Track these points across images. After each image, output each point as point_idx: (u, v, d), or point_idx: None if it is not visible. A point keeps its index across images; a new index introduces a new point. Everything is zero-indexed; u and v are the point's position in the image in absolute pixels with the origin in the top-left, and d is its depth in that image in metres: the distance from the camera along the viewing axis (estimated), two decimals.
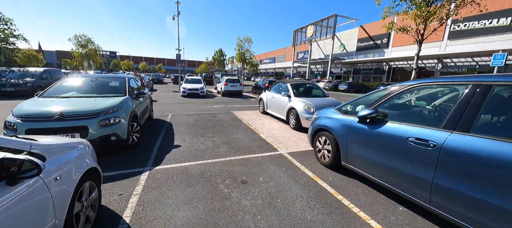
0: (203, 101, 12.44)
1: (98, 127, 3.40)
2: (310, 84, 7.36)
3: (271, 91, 7.86)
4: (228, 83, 15.75)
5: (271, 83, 17.05)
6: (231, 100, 13.40)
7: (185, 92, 14.36)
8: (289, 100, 6.38)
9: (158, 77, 31.37)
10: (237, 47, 19.93)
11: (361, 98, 3.27)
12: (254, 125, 6.56)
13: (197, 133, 5.49)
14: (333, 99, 6.48)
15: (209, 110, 9.21)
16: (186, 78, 16.53)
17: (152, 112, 6.90)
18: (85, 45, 30.83)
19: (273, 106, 7.49)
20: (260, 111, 8.75)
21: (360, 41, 35.27)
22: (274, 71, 64.75)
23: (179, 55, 18.41)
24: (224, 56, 38.81)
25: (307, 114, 5.56)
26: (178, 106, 9.95)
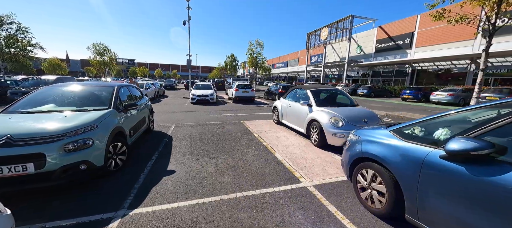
0: (212, 108, 11.63)
1: (61, 153, 2.55)
2: (334, 90, 6.19)
3: (287, 99, 6.79)
4: (239, 89, 14.89)
5: (285, 89, 15.96)
6: (242, 107, 12.49)
7: (194, 99, 13.70)
8: (310, 111, 5.27)
9: (171, 83, 31.48)
10: (248, 51, 19.16)
11: (437, 117, 2.14)
12: (268, 139, 5.51)
13: (199, 151, 4.55)
14: (365, 109, 5.26)
15: (217, 120, 8.32)
16: (196, 84, 15.93)
17: (152, 124, 6.11)
18: (102, 53, 31.81)
19: (289, 117, 6.41)
20: (274, 121, 7.70)
21: (379, 42, 33.22)
22: (286, 76, 63.48)
23: (189, 61, 17.96)
24: (236, 61, 38.39)
25: (334, 128, 4.42)
26: (184, 115, 9.18)
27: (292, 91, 6.80)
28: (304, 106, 5.45)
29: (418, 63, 28.04)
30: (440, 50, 24.91)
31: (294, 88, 6.81)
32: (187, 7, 17.53)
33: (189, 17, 17.49)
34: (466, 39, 22.50)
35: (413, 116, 9.29)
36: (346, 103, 5.83)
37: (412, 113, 10.55)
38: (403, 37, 29.36)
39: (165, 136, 5.74)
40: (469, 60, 22.79)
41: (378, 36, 33.20)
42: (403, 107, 13.69)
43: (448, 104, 14.95)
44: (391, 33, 31.21)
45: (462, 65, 23.54)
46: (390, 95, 24.43)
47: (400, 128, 2.28)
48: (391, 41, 31.19)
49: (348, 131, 4.33)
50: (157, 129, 6.52)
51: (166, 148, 4.70)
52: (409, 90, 18.03)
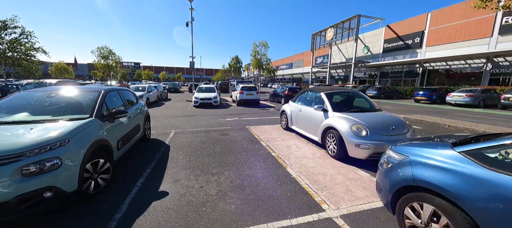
0: (216, 112, 11.05)
1: (17, 178, 1.96)
2: (352, 92, 5.49)
3: (297, 103, 6.13)
4: (244, 92, 14.30)
5: (292, 91, 15.29)
6: (247, 110, 11.88)
7: (197, 102, 13.16)
8: (326, 116, 4.60)
9: (175, 86, 31.20)
10: (252, 52, 18.59)
11: None
12: (277, 149, 4.86)
13: (198, 164, 3.94)
14: (390, 115, 4.54)
15: (221, 125, 7.71)
16: (199, 87, 15.43)
17: (148, 132, 5.54)
18: (107, 57, 31.81)
19: (300, 122, 5.74)
20: (282, 127, 7.04)
21: (386, 42, 32.24)
22: (291, 77, 62.76)
23: (192, 63, 17.51)
24: (240, 63, 37.94)
25: (356, 138, 3.74)
26: (185, 120, 8.62)
27: (302, 94, 6.14)
28: (318, 111, 4.77)
29: (429, 63, 26.94)
30: (453, 49, 23.82)
31: (304, 91, 6.15)
32: (190, 8, 17.12)
33: (192, 19, 17.07)
34: (481, 37, 21.40)
35: (434, 119, 8.47)
36: (365, 107, 5.13)
37: (433, 116, 9.71)
38: (413, 36, 28.34)
39: (162, 145, 5.16)
40: (485, 59, 21.63)
41: (386, 35, 32.22)
42: (419, 110, 12.81)
43: (467, 106, 13.97)
44: (399, 33, 30.22)
45: (477, 64, 22.38)
46: (401, 97, 23.43)
47: (479, 150, 1.59)
48: (399, 40, 30.18)
49: (373, 141, 3.64)
50: (155, 136, 5.95)
51: (162, 161, 4.10)
52: (423, 92, 17.08)
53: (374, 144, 3.60)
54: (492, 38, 20.78)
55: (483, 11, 21.61)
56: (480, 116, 10.66)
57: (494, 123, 8.45)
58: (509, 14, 19.54)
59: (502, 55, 20.35)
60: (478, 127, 6.99)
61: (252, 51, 18.75)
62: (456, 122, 7.95)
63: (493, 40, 20.76)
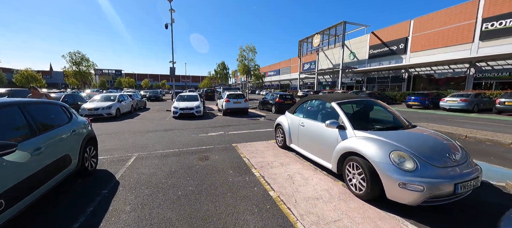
0: (198, 125, 9.46)
1: None
2: (369, 101, 4.25)
3: (298, 114, 4.80)
4: (230, 100, 12.84)
5: (283, 99, 14.05)
6: (235, 121, 10.41)
7: (176, 113, 11.46)
8: (343, 136, 3.29)
9: (156, 94, 28.95)
10: (239, 57, 17.30)
11: None
12: (276, 182, 3.45)
13: (155, 225, 2.42)
14: (433, 134, 3.29)
15: (201, 142, 6.17)
16: (179, 95, 13.73)
17: (92, 161, 3.89)
18: (79, 63, 28.99)
19: (303, 141, 4.40)
20: (278, 144, 5.65)
21: (372, 48, 32.63)
22: (279, 84, 62.37)
23: (173, 68, 15.81)
24: (226, 69, 36.51)
25: (401, 174, 2.42)
26: (157, 137, 6.96)
27: (304, 103, 4.82)
28: (331, 128, 3.45)
29: (414, 69, 27.33)
30: (436, 54, 24.26)
31: (307, 99, 4.83)
32: (170, 9, 15.59)
33: (171, 20, 15.51)
34: (463, 43, 21.92)
35: (445, 128, 7.54)
36: (388, 120, 3.90)
37: (440, 124, 8.87)
38: (397, 42, 28.80)
39: (109, 181, 3.54)
40: (468, 64, 22.11)
41: (371, 42, 32.65)
42: (418, 116, 12.12)
43: (462, 111, 13.59)
44: (384, 39, 30.68)
45: (461, 69, 22.84)
46: (391, 102, 23.19)
47: None
48: (384, 46, 30.60)
49: (428, 178, 2.36)
50: (105, 164, 4.29)
51: (92, 220, 2.51)
52: (415, 97, 16.69)
53: (430, 184, 2.31)
54: (474, 43, 21.30)
55: (463, 18, 22.32)
56: (483, 122, 10.07)
57: (502, 129, 7.74)
58: (488, 21, 20.17)
59: (484, 60, 20.85)
60: (499, 137, 6.09)
61: (238, 56, 17.46)
62: (471, 131, 7.07)
63: (474, 45, 21.29)
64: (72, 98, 12.45)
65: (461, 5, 22.34)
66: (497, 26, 19.72)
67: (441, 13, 23.96)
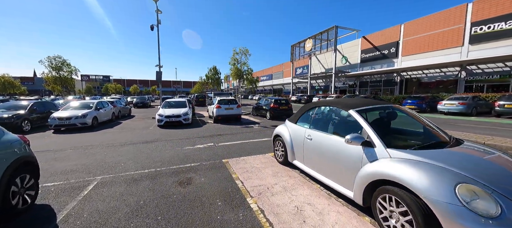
0: (185, 134, 8.41)
1: None
2: (388, 106, 3.42)
3: (302, 124, 3.93)
4: (222, 106, 11.86)
5: (278, 104, 13.22)
6: (226, 129, 9.43)
7: (161, 121, 10.34)
8: (371, 155, 2.43)
9: (143, 100, 27.46)
10: (231, 60, 16.42)
11: None
12: (281, 221, 2.53)
13: None
14: (496, 154, 2.48)
15: (185, 158, 5.17)
16: (165, 101, 12.61)
17: (29, 194, 2.82)
18: (60, 68, 27.11)
19: (311, 158, 3.51)
20: (277, 159, 4.74)
21: (363, 52, 32.77)
22: (271, 88, 61.96)
23: (159, 72, 14.69)
24: (218, 74, 35.48)
25: (477, 223, 1.59)
26: (134, 151, 5.89)
27: (309, 110, 3.95)
28: (353, 145, 2.59)
29: (406, 72, 27.46)
30: (428, 58, 24.43)
31: (312, 105, 3.96)
32: (156, 10, 14.58)
33: (158, 21, 14.49)
34: (454, 46, 22.14)
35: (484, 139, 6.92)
36: (421, 133, 3.09)
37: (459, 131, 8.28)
38: (388, 46, 28.98)
39: (45, 226, 2.50)
40: (458, 67, 22.30)
41: (363, 46, 32.82)
42: None
43: (460, 114, 13.28)
44: (375, 43, 30.86)
45: (452, 72, 23.02)
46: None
47: None
48: (376, 51, 30.76)
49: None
50: (51, 195, 3.22)
51: None
52: (411, 100, 16.36)
53: None
54: (464, 47, 21.54)
55: (452, 22, 22.62)
56: (486, 126, 9.63)
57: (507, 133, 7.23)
58: (477, 25, 20.47)
59: (474, 63, 21.06)
60: None
61: (231, 59, 16.57)
62: (486, 137, 6.46)
63: (464, 49, 21.52)
64: (42, 106, 11.06)
65: (449, 9, 22.68)
66: (485, 30, 19.99)
67: (431, 18, 24.26)
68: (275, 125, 10.78)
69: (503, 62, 19.27)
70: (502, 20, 18.84)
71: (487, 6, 19.83)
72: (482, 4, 20.18)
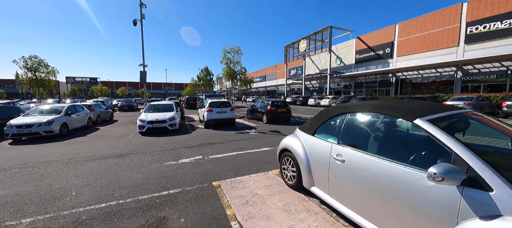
0: (169, 144, 7.11)
1: None
2: (460, 113, 2.35)
3: (325, 138, 2.78)
4: (213, 109, 10.61)
5: (276, 106, 12.04)
6: (218, 136, 8.20)
7: (143, 127, 8.97)
8: (480, 205, 1.33)
9: (129, 103, 25.69)
10: (224, 60, 15.21)
11: None
12: None
13: None
14: None
15: (163, 182, 3.92)
16: (149, 104, 11.20)
17: None
18: (36, 69, 24.90)
19: (345, 189, 2.36)
20: (286, 181, 3.57)
21: (358, 53, 32.40)
22: (265, 90, 61.08)
23: (143, 72, 13.26)
24: (210, 74, 34.04)
25: None
26: (98, 171, 4.57)
27: (335, 118, 2.79)
28: (440, 183, 1.47)
29: (402, 73, 27.16)
30: (423, 58, 24.15)
31: (339, 111, 2.79)
32: (140, 3, 13.19)
33: (141, 16, 13.09)
34: (449, 46, 21.92)
35: None
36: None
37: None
38: (383, 47, 28.67)
39: None
40: (454, 67, 22.08)
41: (357, 47, 32.46)
42: None
43: None
44: (370, 44, 30.53)
45: (448, 72, 22.79)
46: None
47: None
48: (371, 51, 30.42)
49: None
50: None
51: None
52: None
53: None
54: (459, 47, 21.33)
55: (447, 22, 22.41)
56: None
57: None
58: (472, 25, 20.30)
59: (470, 63, 20.86)
60: None
61: (222, 58, 15.34)
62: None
63: (460, 49, 21.31)
64: (1, 111, 9.43)
65: (444, 9, 22.48)
66: (481, 30, 19.80)
67: (425, 18, 24.03)
68: (273, 130, 9.65)
69: (500, 61, 19.09)
70: (498, 20, 18.66)
71: (482, 5, 19.66)
72: (477, 3, 20.00)
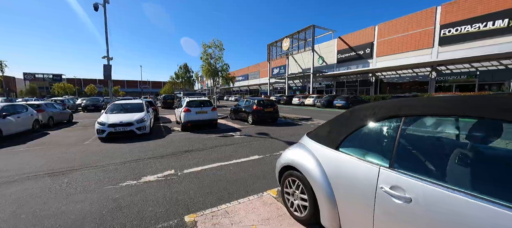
0: (132, 153, 5.67)
1: None
2: None
3: (360, 154, 1.80)
4: (192, 109, 9.24)
5: (263, 106, 10.95)
6: (197, 141, 6.92)
7: (102, 131, 7.31)
8: None
9: (96, 102, 22.79)
10: (204, 55, 13.78)
11: None
12: None
13: None
14: None
15: (110, 219, 2.66)
16: (113, 103, 9.42)
17: None
18: None
19: None
20: (291, 211, 2.53)
21: (340, 52, 32.84)
22: (247, 89, 59.95)
23: (108, 66, 11.32)
24: (190, 72, 31.83)
25: None
26: (11, 201, 3.11)
27: (377, 122, 1.83)
28: None
29: (381, 72, 27.95)
30: (401, 59, 25.00)
31: (390, 114, 1.77)
32: None
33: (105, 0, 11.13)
34: (425, 48, 22.88)
35: None
36: None
37: None
38: (364, 47, 29.29)
39: None
40: (429, 68, 23.11)
41: (339, 46, 32.89)
42: None
43: None
44: (351, 44, 31.05)
45: (424, 73, 23.81)
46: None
47: None
48: (352, 51, 30.96)
49: None
50: None
51: None
52: None
53: None
54: (434, 48, 22.34)
55: (423, 24, 23.38)
56: None
57: None
58: (445, 27, 21.34)
59: (443, 64, 21.95)
60: None
61: (202, 54, 13.89)
62: None
63: (434, 50, 22.33)
64: None
65: (420, 12, 23.38)
66: (453, 32, 20.85)
67: (403, 20, 24.86)
68: (261, 132, 8.61)
69: (470, 63, 20.26)
70: (468, 23, 19.75)
71: (454, 9, 20.71)
72: (450, 7, 21.03)
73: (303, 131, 8.82)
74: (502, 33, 17.91)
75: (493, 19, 18.47)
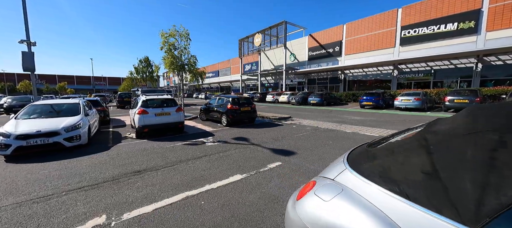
0: (49, 179, 3.68)
1: None
2: None
3: None
4: (149, 110, 7.25)
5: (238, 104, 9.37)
6: (154, 153, 5.15)
7: (7, 147, 4.93)
8: None
9: (25, 101, 18.06)
10: (165, 46, 11.57)
11: None
12: None
13: None
14: None
15: None
16: (30, 105, 6.77)
17: None
18: None
19: None
20: None
21: (311, 50, 33.19)
22: (218, 86, 57.37)
23: (29, 54, 8.39)
24: (152, 66, 28.04)
25: None
26: None
27: None
28: None
29: (349, 70, 29.03)
30: (367, 57, 26.22)
31: None
32: None
33: None
34: (388, 47, 24.32)
35: None
36: None
37: None
38: (333, 45, 30.02)
39: None
40: (392, 66, 24.68)
41: (310, 44, 33.21)
42: (394, 120, 10.52)
43: (416, 109, 13.44)
44: (321, 41, 31.58)
45: (387, 71, 25.35)
46: (339, 103, 23.06)
47: None
48: (322, 49, 31.51)
49: None
50: None
51: None
52: (368, 96, 16.06)
53: None
54: (395, 48, 23.88)
55: (386, 25, 24.78)
56: None
57: None
58: (405, 29, 22.92)
59: (404, 63, 23.62)
60: None
61: (162, 44, 11.66)
62: None
63: (396, 50, 23.87)
64: None
65: (384, 13, 24.69)
66: (412, 34, 22.47)
67: (369, 20, 26.00)
68: (238, 136, 7.17)
69: (425, 62, 22.12)
70: (424, 26, 21.45)
71: (412, 12, 22.30)
72: (408, 10, 22.58)
73: (287, 132, 7.69)
74: (452, 36, 19.81)
75: (445, 23, 20.33)
